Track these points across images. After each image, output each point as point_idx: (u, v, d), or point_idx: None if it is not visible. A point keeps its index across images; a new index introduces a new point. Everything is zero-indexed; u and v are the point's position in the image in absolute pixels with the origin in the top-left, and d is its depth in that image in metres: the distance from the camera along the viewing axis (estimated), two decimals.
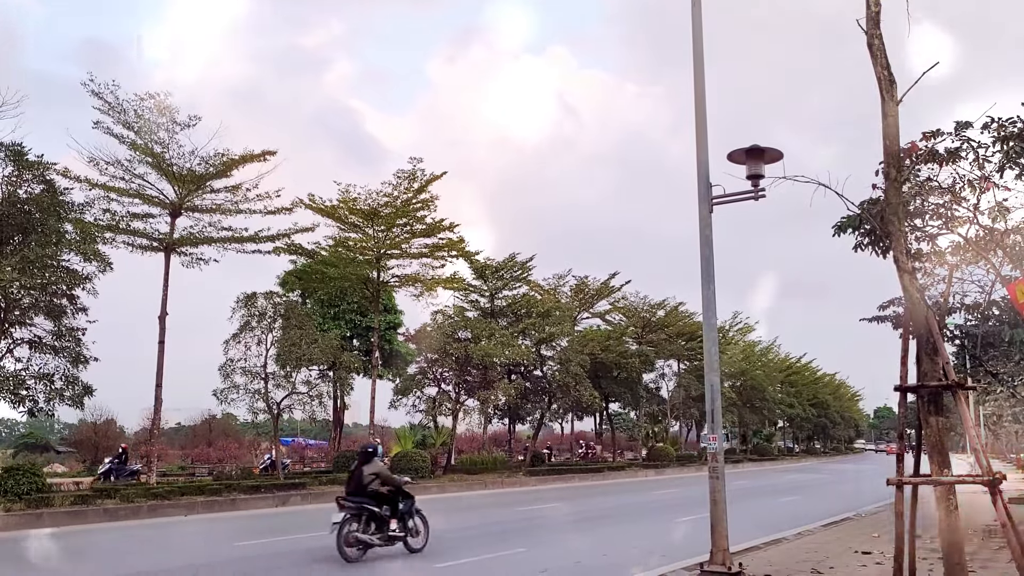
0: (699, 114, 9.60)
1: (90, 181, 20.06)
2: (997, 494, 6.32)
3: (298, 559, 11.60)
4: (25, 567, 11.23)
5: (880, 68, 7.10)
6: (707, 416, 9.55)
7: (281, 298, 25.38)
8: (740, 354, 56.58)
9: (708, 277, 9.42)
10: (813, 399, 76.09)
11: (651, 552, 12.16)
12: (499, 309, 35.02)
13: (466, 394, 31.02)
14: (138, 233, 21.08)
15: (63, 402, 18.60)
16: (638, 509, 21.04)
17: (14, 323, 17.43)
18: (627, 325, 44.00)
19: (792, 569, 10.00)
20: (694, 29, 9.69)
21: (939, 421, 6.82)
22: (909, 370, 6.93)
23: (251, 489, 20.08)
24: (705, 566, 8.88)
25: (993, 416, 42.10)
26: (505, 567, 11.39)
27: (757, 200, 9.28)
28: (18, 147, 16.98)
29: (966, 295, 16.54)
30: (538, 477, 30.61)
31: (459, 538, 14.44)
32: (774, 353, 67.68)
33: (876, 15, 7.15)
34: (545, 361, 35.84)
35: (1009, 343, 16.15)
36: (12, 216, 16.85)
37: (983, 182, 10.71)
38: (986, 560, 10.18)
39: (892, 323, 19.28)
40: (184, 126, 20.31)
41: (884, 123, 7.06)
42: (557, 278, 39.72)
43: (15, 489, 16.68)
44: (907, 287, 6.98)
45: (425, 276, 27.72)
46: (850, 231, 12.35)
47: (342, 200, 25.02)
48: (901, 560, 6.61)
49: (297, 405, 24.50)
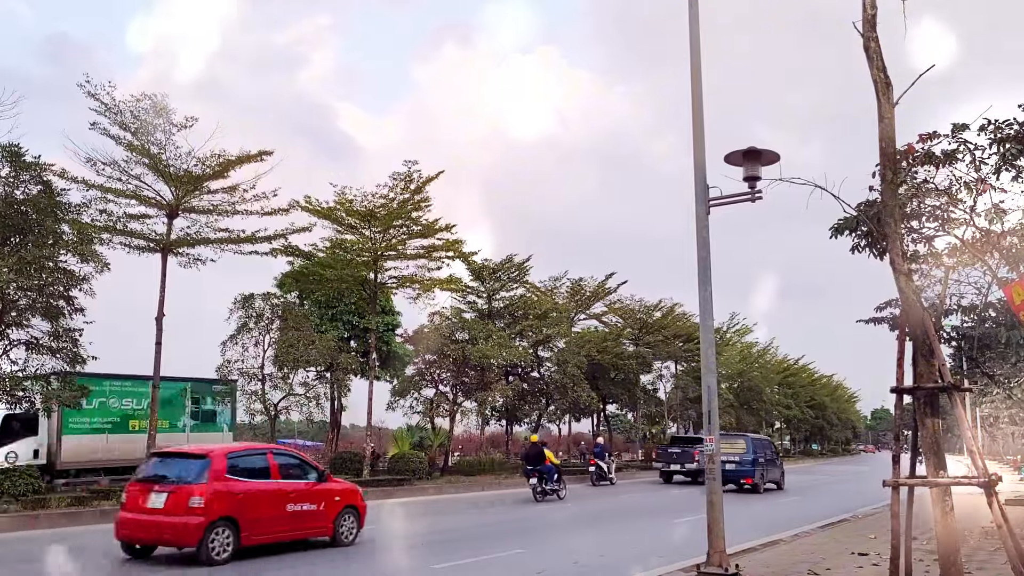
0: (696, 116, 9.61)
1: (87, 182, 20.04)
2: (993, 496, 6.34)
3: (297, 558, 11.59)
4: (24, 567, 11.20)
5: (876, 71, 7.12)
6: (704, 417, 9.56)
7: (278, 299, 25.39)
8: (737, 355, 56.63)
9: (705, 278, 9.43)
10: (811, 400, 76.20)
11: (648, 553, 12.17)
12: (496, 310, 35.02)
13: (463, 395, 31.01)
14: (135, 234, 21.04)
15: (60, 403, 18.60)
16: (636, 510, 21.05)
17: (11, 324, 17.40)
18: (624, 327, 44.03)
19: (789, 571, 10.01)
20: (691, 32, 9.70)
21: (935, 423, 6.84)
22: (905, 372, 6.95)
23: None
24: (702, 567, 8.89)
25: (990, 418, 42.18)
26: (503, 567, 11.40)
27: (754, 202, 9.30)
28: (15, 148, 16.96)
29: (962, 297, 16.62)
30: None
31: (457, 539, 14.45)
32: (771, 354, 67.75)
33: (872, 17, 7.17)
34: (542, 362, 35.86)
35: (1005, 345, 16.21)
36: (9, 217, 16.83)
37: (979, 184, 10.74)
38: (982, 561, 10.20)
39: (889, 324, 19.36)
40: (181, 127, 20.29)
41: (880, 125, 7.08)
42: (553, 280, 39.77)
43: (12, 490, 16.67)
44: (903, 289, 7.00)
45: (422, 277, 27.73)
46: (847, 233, 12.39)
47: (338, 201, 25.01)
48: (897, 561, 6.62)
49: (294, 406, 24.53)
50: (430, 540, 14.05)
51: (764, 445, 30.53)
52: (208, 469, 11.32)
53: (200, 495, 10.96)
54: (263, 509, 11.82)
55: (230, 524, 11.17)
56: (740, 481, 27.88)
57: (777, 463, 30.86)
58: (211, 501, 11.02)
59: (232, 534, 11.18)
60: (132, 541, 11.53)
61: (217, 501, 11.09)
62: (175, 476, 11.51)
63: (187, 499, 10.94)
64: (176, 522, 10.86)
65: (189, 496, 10.95)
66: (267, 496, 11.97)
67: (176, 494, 11.05)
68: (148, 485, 11.44)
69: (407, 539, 14.73)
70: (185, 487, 11.10)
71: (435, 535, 14.57)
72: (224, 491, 11.28)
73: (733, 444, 28.33)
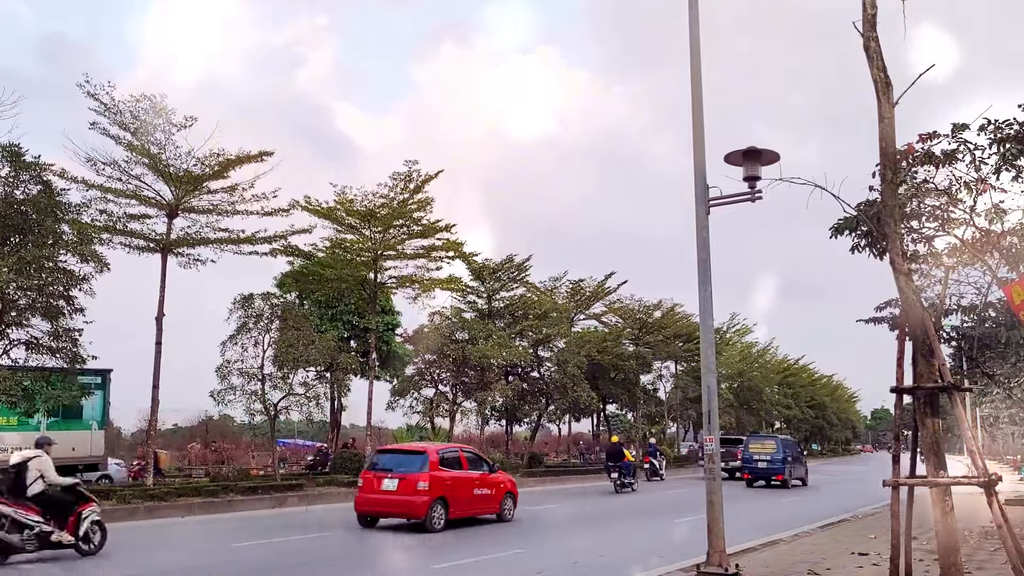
0: (696, 116, 9.60)
1: (87, 182, 20.04)
2: (993, 495, 6.34)
3: (297, 560, 11.60)
4: (24, 568, 11.20)
5: (876, 70, 7.12)
6: (704, 417, 9.56)
7: (278, 299, 25.35)
8: (737, 355, 56.61)
9: (705, 278, 9.42)
10: (811, 400, 76.14)
11: (648, 553, 12.17)
12: (496, 310, 35.02)
13: (463, 395, 31.01)
14: (135, 234, 21.04)
15: (60, 403, 18.57)
16: (635, 510, 21.05)
17: (11, 324, 17.38)
18: (624, 327, 44.02)
19: (789, 571, 10.01)
20: (691, 33, 9.70)
21: (935, 423, 6.84)
22: (905, 372, 6.95)
23: (248, 491, 20.05)
24: (702, 567, 8.89)
25: (990, 418, 42.19)
26: (503, 567, 11.40)
27: (754, 202, 9.30)
28: (15, 147, 16.94)
29: (962, 297, 16.62)
30: (536, 478, 30.59)
31: (457, 539, 14.44)
32: (771, 354, 67.74)
33: (872, 17, 7.17)
34: (542, 362, 35.85)
35: (1005, 345, 16.20)
36: (9, 217, 16.81)
37: (979, 184, 10.74)
38: (982, 561, 10.20)
39: (889, 324, 19.36)
40: (180, 127, 20.30)
41: (880, 125, 7.08)
42: (553, 280, 39.75)
43: None
44: (903, 289, 7.00)
45: (422, 277, 27.72)
46: (847, 233, 12.39)
47: (339, 201, 25.01)
48: (897, 561, 6.62)
49: (294, 406, 24.45)
50: (436, 538, 14.07)
51: (791, 445, 33.64)
52: (427, 462, 15.18)
53: (425, 481, 14.79)
54: (461, 492, 15.72)
55: (443, 502, 15.07)
56: (772, 477, 30.93)
57: (802, 461, 34.06)
58: (432, 485, 14.85)
59: (444, 510, 15.04)
60: (369, 515, 15.53)
61: (435, 485, 14.94)
62: (403, 467, 15.21)
63: (415, 484, 14.75)
64: (408, 500, 14.74)
65: (417, 482, 14.76)
66: (463, 482, 15.93)
67: (406, 480, 14.84)
68: (381, 474, 15.34)
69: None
70: (412, 475, 14.88)
71: (435, 534, 14.57)
72: (439, 478, 15.13)
73: (764, 445, 32.05)
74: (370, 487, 15.32)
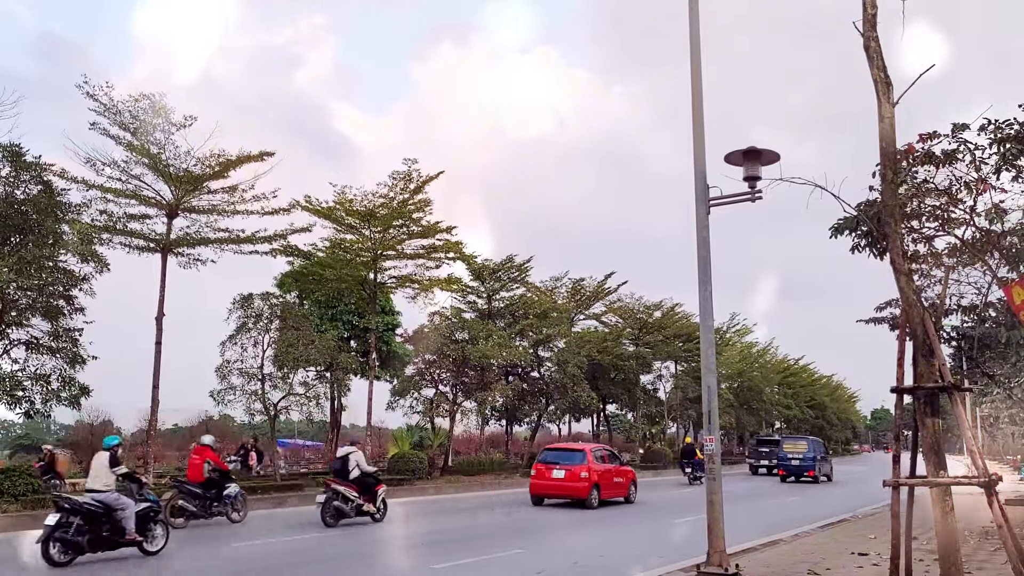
0: (696, 115, 9.60)
1: (87, 182, 20.03)
2: (993, 495, 6.34)
3: (297, 559, 11.60)
4: (23, 568, 11.21)
5: (876, 70, 7.11)
6: (704, 417, 9.56)
7: (278, 299, 25.34)
8: (737, 355, 56.57)
9: (705, 278, 9.42)
10: (811, 400, 76.10)
11: (648, 553, 12.17)
12: (496, 310, 35.01)
13: (463, 395, 30.98)
14: (135, 234, 21.04)
15: (60, 403, 18.54)
16: (635, 510, 21.05)
17: (11, 324, 17.39)
18: (624, 327, 44.01)
19: (789, 571, 10.01)
20: (691, 32, 9.70)
21: (935, 423, 6.84)
22: (906, 372, 6.95)
23: (247, 491, 20.01)
24: (702, 567, 8.89)
25: (990, 418, 42.21)
26: (503, 568, 11.39)
27: (754, 202, 9.30)
28: (16, 147, 16.94)
29: (963, 297, 16.58)
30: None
31: (457, 539, 14.45)
32: (771, 354, 67.70)
33: (873, 17, 7.16)
34: (542, 362, 35.83)
35: (1006, 345, 16.17)
36: (9, 217, 16.81)
37: (980, 184, 10.73)
38: (982, 561, 10.20)
39: (889, 324, 19.33)
40: (180, 126, 20.29)
41: (880, 125, 7.07)
42: (553, 280, 39.75)
43: (11, 490, 16.64)
44: (903, 288, 7.00)
45: (422, 277, 27.72)
46: (847, 233, 12.37)
47: (338, 201, 25.00)
48: (898, 561, 6.62)
49: (294, 406, 24.45)
50: (431, 539, 14.06)
51: (819, 445, 38.00)
52: (586, 457, 20.60)
53: (586, 471, 20.11)
54: (607, 479, 20.99)
55: (596, 488, 20.24)
56: (804, 473, 35.04)
57: (828, 459, 38.51)
58: (590, 474, 20.10)
59: (597, 493, 20.27)
60: (541, 496, 20.68)
61: (592, 474, 20.16)
62: (567, 461, 20.42)
63: (579, 473, 20.08)
64: (573, 485, 20.07)
65: (580, 471, 20.08)
66: (608, 472, 21.26)
67: (571, 470, 20.08)
68: (550, 465, 20.50)
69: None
70: (576, 467, 20.19)
71: (434, 535, 14.59)
72: (594, 469, 20.38)
73: (796, 444, 36.93)
74: (541, 476, 20.32)
